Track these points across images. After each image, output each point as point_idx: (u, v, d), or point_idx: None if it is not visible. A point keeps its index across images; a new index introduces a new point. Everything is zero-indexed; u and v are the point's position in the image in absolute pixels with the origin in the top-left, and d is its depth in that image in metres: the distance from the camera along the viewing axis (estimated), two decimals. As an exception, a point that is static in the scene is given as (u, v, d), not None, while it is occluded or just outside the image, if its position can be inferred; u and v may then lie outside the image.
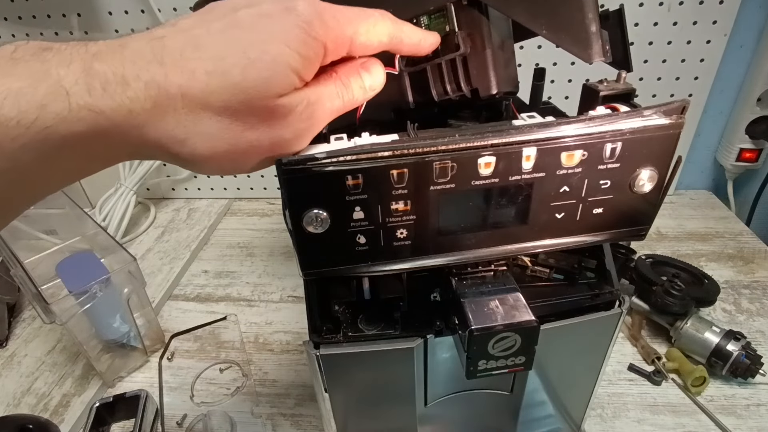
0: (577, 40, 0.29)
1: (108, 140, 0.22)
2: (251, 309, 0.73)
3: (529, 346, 0.31)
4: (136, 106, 0.22)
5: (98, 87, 0.21)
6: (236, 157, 0.25)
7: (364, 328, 0.36)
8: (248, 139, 0.24)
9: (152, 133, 0.23)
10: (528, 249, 0.32)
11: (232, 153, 0.25)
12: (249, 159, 0.26)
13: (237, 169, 0.26)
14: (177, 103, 0.22)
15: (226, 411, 0.57)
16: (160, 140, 0.23)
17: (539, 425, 0.48)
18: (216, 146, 0.24)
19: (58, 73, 0.20)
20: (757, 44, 0.79)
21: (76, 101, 0.20)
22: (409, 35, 0.29)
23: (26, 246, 0.67)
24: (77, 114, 0.21)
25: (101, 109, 0.21)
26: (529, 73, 0.39)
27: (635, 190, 0.30)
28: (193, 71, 0.22)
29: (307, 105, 0.25)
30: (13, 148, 0.20)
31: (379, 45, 0.27)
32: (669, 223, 0.85)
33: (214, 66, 0.22)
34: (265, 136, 0.25)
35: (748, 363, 0.54)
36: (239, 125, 0.24)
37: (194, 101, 0.22)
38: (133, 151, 0.24)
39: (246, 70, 0.22)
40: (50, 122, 0.20)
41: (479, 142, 0.27)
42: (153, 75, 0.22)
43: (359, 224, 0.29)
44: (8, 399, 0.60)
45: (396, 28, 0.28)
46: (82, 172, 0.24)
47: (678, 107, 0.28)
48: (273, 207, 0.98)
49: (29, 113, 0.20)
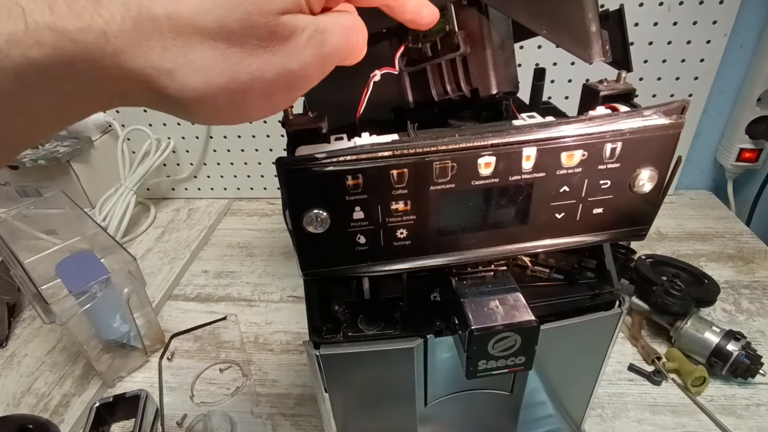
0: (577, 40, 0.29)
1: (78, 72, 0.19)
2: (251, 309, 0.73)
3: (529, 346, 0.31)
4: (111, 27, 0.18)
5: (62, 4, 0.18)
6: (236, 96, 0.21)
7: (364, 328, 0.36)
8: (249, 69, 0.21)
9: (133, 62, 0.19)
10: (528, 249, 0.32)
11: (231, 89, 0.21)
12: (251, 99, 0.22)
13: (238, 115, 0.23)
14: (162, 26, 0.19)
15: (226, 411, 0.57)
16: (143, 71, 0.19)
17: (539, 425, 0.48)
18: (211, 79, 0.20)
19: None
20: (757, 44, 0.79)
21: (33, 19, 0.17)
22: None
23: (26, 246, 0.67)
24: (35, 35, 0.17)
25: (66, 27, 0.18)
26: (529, 73, 0.39)
27: (635, 190, 0.30)
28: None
29: (315, 30, 0.22)
30: None
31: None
32: (669, 223, 0.85)
33: None
34: (268, 65, 0.21)
35: (748, 363, 0.54)
36: (237, 51, 0.20)
37: (183, 23, 0.19)
38: (114, 91, 0.20)
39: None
40: (1, 45, 0.17)
41: (479, 142, 0.27)
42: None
43: (359, 224, 0.29)
44: (8, 399, 0.60)
45: None
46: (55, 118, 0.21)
47: (678, 107, 0.28)
48: (273, 207, 0.98)
49: None
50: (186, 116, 0.22)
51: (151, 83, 0.20)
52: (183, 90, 0.20)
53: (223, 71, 0.20)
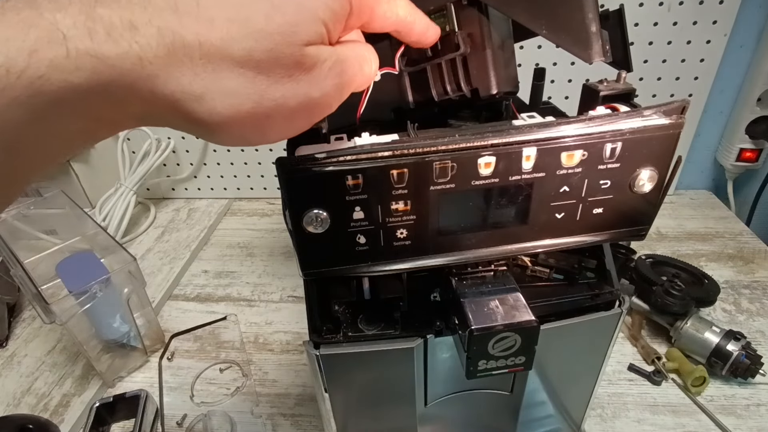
0: (577, 40, 0.29)
1: (113, 96, 0.20)
2: (251, 309, 0.73)
3: (529, 346, 0.31)
4: (147, 53, 0.19)
5: (101, 31, 0.18)
6: (260, 120, 0.22)
7: (364, 328, 0.36)
8: (273, 96, 0.22)
9: (165, 87, 0.20)
10: (528, 249, 0.32)
11: (256, 114, 0.22)
12: (274, 123, 0.23)
13: (260, 137, 0.24)
14: (194, 53, 0.20)
15: (226, 411, 0.57)
16: (174, 95, 0.20)
17: (539, 425, 0.48)
18: (238, 104, 0.21)
19: (53, 16, 0.18)
20: (757, 44, 0.79)
21: (74, 45, 0.18)
22: (420, 19, 0.29)
23: (26, 246, 0.67)
24: (76, 61, 0.18)
25: (105, 54, 0.18)
26: (529, 73, 0.39)
27: (635, 190, 0.30)
28: (211, 19, 0.20)
29: (336, 61, 0.23)
30: (3, 103, 0.17)
31: (396, 20, 0.27)
32: (669, 223, 0.85)
33: (235, 12, 0.20)
34: (291, 93, 0.22)
35: (748, 363, 0.54)
36: (263, 79, 0.21)
37: (214, 50, 0.20)
38: (143, 112, 0.21)
39: (270, 15, 0.21)
40: (43, 70, 0.18)
41: (479, 142, 0.27)
42: (166, 21, 0.20)
43: (359, 224, 0.29)
44: (8, 399, 0.60)
45: (413, 9, 0.28)
46: (85, 138, 0.21)
47: (678, 107, 0.28)
48: (273, 207, 0.98)
49: (19, 60, 0.17)
50: (210, 138, 0.23)
51: (181, 107, 0.21)
52: (211, 114, 0.21)
53: (249, 98, 0.21)
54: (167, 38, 0.19)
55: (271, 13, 0.21)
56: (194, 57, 0.20)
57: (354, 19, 0.24)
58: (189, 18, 0.20)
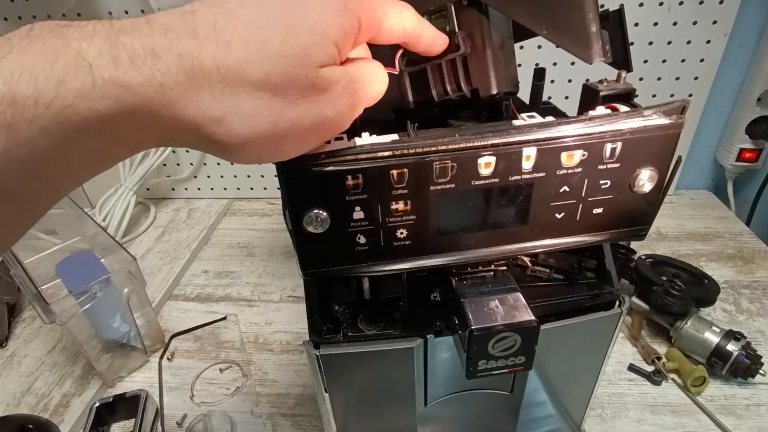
0: (577, 40, 0.29)
1: (136, 121, 0.20)
2: (251, 309, 0.73)
3: (529, 346, 0.31)
4: (168, 79, 0.20)
5: (125, 59, 0.19)
6: (276, 140, 0.23)
7: (364, 328, 0.36)
8: (289, 117, 0.22)
9: (185, 111, 0.21)
10: (528, 249, 0.32)
11: (273, 135, 0.23)
12: (289, 143, 0.24)
13: (275, 155, 0.25)
14: (213, 77, 0.21)
15: (226, 411, 0.57)
16: (194, 119, 0.21)
17: (539, 425, 0.48)
18: (255, 126, 0.22)
19: (79, 46, 0.19)
20: (757, 44, 0.79)
21: (100, 74, 0.19)
22: (427, 31, 0.29)
23: (26, 246, 0.67)
24: (101, 90, 0.19)
25: (129, 82, 0.19)
26: (529, 73, 0.39)
27: (635, 190, 0.30)
28: (228, 42, 0.21)
29: (349, 81, 0.24)
30: (31, 133, 0.18)
31: (404, 33, 0.27)
32: (669, 223, 0.85)
33: (251, 36, 0.21)
34: (306, 114, 0.23)
35: (748, 363, 0.54)
36: (279, 101, 0.22)
37: (231, 74, 0.21)
38: (163, 134, 0.22)
39: (285, 38, 0.21)
40: (71, 100, 0.18)
41: (479, 142, 0.27)
42: (185, 47, 0.20)
43: (359, 224, 0.29)
44: (8, 399, 0.60)
45: (420, 20, 0.28)
46: (107, 160, 0.22)
47: (678, 107, 0.28)
48: (273, 207, 0.98)
49: (47, 91, 0.18)
50: (227, 157, 0.24)
51: (201, 129, 0.21)
52: (229, 136, 0.22)
53: (266, 119, 0.22)
54: (186, 63, 0.20)
55: (285, 35, 0.21)
56: (213, 81, 0.21)
57: (362, 35, 0.25)
58: (208, 42, 0.20)
